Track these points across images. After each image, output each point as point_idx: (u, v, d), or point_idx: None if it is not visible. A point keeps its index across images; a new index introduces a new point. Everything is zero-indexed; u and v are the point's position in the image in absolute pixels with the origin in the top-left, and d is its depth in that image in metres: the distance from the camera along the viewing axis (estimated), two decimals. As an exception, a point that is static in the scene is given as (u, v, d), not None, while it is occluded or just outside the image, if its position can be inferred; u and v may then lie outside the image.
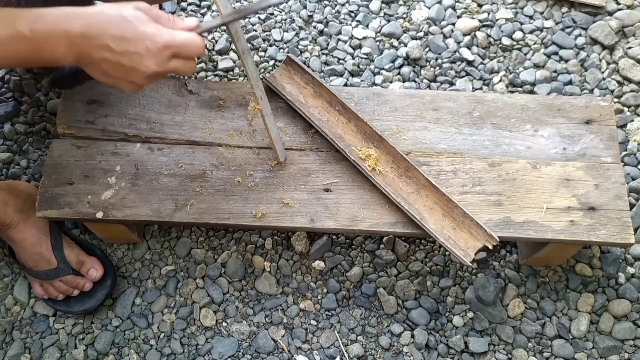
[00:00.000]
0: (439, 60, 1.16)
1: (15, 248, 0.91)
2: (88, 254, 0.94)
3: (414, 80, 1.14)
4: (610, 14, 1.20)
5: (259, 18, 1.21)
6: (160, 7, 1.20)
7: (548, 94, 1.12)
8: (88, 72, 0.65)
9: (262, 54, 1.16)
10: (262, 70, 1.14)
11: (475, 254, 0.80)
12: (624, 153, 1.07)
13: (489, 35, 1.18)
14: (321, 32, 1.19)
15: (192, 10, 1.20)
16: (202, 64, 1.14)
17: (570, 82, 1.14)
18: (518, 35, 1.18)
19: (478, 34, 1.17)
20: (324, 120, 0.88)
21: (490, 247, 0.80)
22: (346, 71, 1.14)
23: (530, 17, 1.20)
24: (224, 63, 1.14)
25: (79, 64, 0.64)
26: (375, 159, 0.85)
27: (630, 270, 0.98)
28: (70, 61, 0.63)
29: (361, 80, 1.13)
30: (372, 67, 1.15)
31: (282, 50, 1.17)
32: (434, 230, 0.81)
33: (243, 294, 0.98)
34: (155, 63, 0.63)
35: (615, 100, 1.12)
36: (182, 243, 1.00)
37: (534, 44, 1.17)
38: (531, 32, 1.19)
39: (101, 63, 0.63)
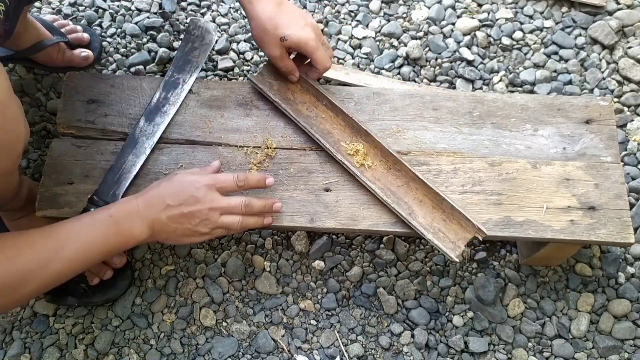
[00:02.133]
0: (439, 60, 1.16)
1: None
2: None
3: (414, 80, 1.14)
4: (610, 13, 1.20)
5: (259, 18, 1.20)
6: (160, 7, 1.20)
7: (548, 93, 1.12)
8: (166, 241, 0.77)
9: (262, 54, 1.16)
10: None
11: (465, 246, 0.80)
12: (624, 153, 1.07)
13: (489, 35, 1.18)
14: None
15: (192, 10, 1.20)
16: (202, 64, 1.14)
17: (570, 82, 1.14)
18: (518, 35, 1.18)
19: (478, 33, 1.17)
20: (312, 115, 0.88)
21: (480, 238, 0.80)
22: (346, 71, 1.14)
23: (530, 17, 1.20)
24: (224, 63, 1.14)
25: (154, 238, 0.74)
26: (364, 154, 0.85)
27: (630, 270, 0.98)
28: (146, 234, 0.73)
29: (361, 80, 1.13)
30: (372, 66, 1.15)
31: None
32: (423, 224, 0.81)
33: (243, 293, 0.98)
34: (208, 200, 0.75)
35: (615, 100, 1.12)
36: (182, 243, 1.00)
37: (534, 43, 1.17)
38: (531, 31, 1.19)
39: (170, 222, 0.74)
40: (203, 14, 1.20)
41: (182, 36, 1.17)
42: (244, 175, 0.79)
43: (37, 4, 1.18)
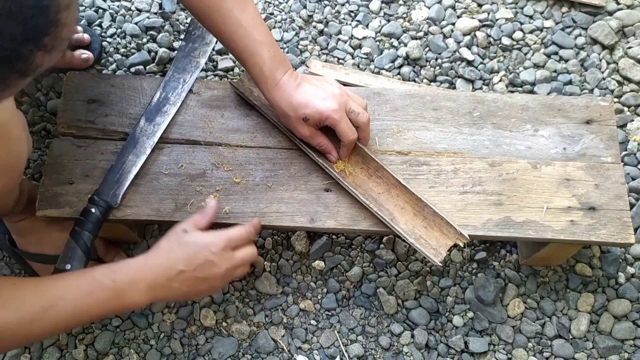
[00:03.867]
0: (439, 60, 1.16)
1: (37, 236, 0.92)
2: None
3: (414, 80, 1.14)
4: (610, 13, 1.20)
5: (259, 18, 1.20)
6: (160, 7, 1.20)
7: (548, 93, 1.12)
8: (168, 300, 0.75)
9: (262, 53, 1.16)
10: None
11: (446, 252, 0.80)
12: (624, 153, 1.07)
13: (489, 35, 1.18)
14: (321, 32, 1.19)
15: (192, 10, 1.20)
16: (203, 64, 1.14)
17: (570, 82, 1.14)
18: (518, 35, 1.18)
19: (478, 33, 1.17)
20: None
21: (462, 244, 0.80)
22: (346, 71, 1.14)
23: (530, 17, 1.20)
24: (224, 63, 1.14)
25: (155, 303, 0.74)
26: (344, 162, 0.84)
27: (630, 270, 0.98)
28: (147, 302, 0.70)
29: (361, 80, 1.13)
30: (372, 67, 1.15)
31: (282, 50, 1.17)
32: (404, 231, 0.80)
33: (243, 293, 0.98)
34: (224, 261, 0.74)
35: (615, 100, 1.12)
36: (182, 243, 1.00)
37: (534, 43, 1.17)
38: (531, 32, 1.19)
39: (181, 287, 0.72)
40: (203, 14, 1.20)
41: (182, 36, 1.17)
42: (250, 226, 0.79)
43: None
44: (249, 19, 0.77)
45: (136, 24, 1.17)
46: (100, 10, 1.20)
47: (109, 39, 1.16)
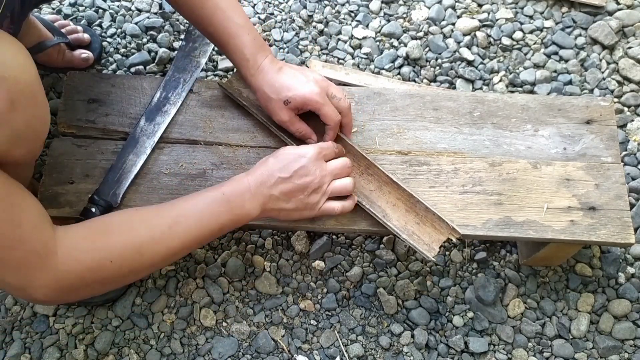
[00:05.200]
0: (439, 60, 1.16)
1: None
2: None
3: (414, 80, 1.14)
4: (610, 13, 1.20)
5: (259, 18, 1.21)
6: (160, 7, 1.20)
7: (548, 93, 1.12)
8: (277, 217, 0.78)
9: (262, 53, 1.16)
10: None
11: (439, 248, 0.80)
12: (624, 153, 1.07)
13: (489, 35, 1.18)
14: (321, 32, 1.19)
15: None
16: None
17: (570, 82, 1.14)
18: (518, 35, 1.18)
19: (478, 33, 1.17)
20: None
21: (454, 239, 0.80)
22: (346, 71, 1.15)
23: (530, 17, 1.20)
24: (224, 63, 1.14)
25: (266, 214, 0.76)
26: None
27: (630, 270, 0.98)
28: (257, 211, 0.74)
29: (361, 80, 1.13)
30: (372, 67, 1.15)
31: (282, 50, 1.17)
32: (397, 227, 0.80)
33: (243, 293, 0.98)
34: (317, 167, 0.76)
35: (616, 100, 1.12)
36: (182, 243, 1.00)
37: (534, 43, 1.17)
38: (531, 32, 1.19)
39: (282, 197, 0.75)
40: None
41: (182, 36, 1.17)
42: (334, 143, 0.82)
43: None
44: (227, 2, 0.79)
45: (136, 24, 1.17)
46: (100, 10, 1.20)
47: (109, 39, 1.16)
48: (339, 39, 1.18)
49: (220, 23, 0.79)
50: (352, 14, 1.21)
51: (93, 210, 0.80)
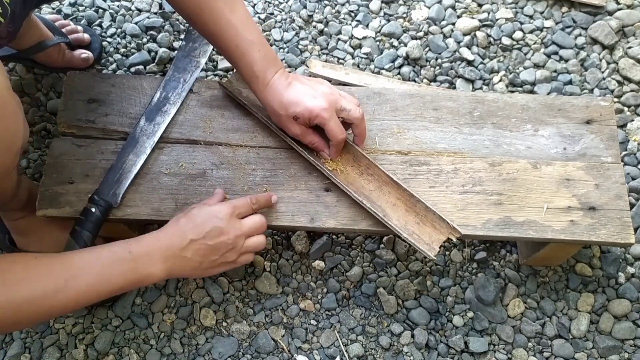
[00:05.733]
0: (439, 60, 1.16)
1: (37, 236, 0.92)
2: None
3: (414, 80, 1.14)
4: (610, 13, 1.20)
5: (259, 18, 1.21)
6: (160, 7, 1.20)
7: (548, 93, 1.12)
8: (189, 277, 0.77)
9: (262, 53, 1.16)
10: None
11: (440, 247, 0.80)
12: (624, 153, 1.07)
13: (489, 35, 1.18)
14: (321, 32, 1.19)
15: (192, 10, 1.19)
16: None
17: (570, 82, 1.14)
18: (518, 35, 1.18)
19: (478, 33, 1.17)
20: None
21: (454, 239, 0.80)
22: (346, 71, 1.15)
23: (530, 17, 1.20)
24: (224, 63, 1.14)
25: (172, 276, 0.74)
26: (336, 161, 0.84)
27: (630, 270, 0.98)
28: (164, 273, 0.72)
29: (361, 80, 1.13)
30: (372, 66, 1.15)
31: (282, 50, 1.17)
32: (397, 227, 0.80)
33: (243, 293, 0.98)
34: (232, 228, 0.75)
35: (615, 100, 1.12)
36: (182, 243, 1.00)
37: (534, 43, 1.17)
38: (531, 31, 1.19)
39: (194, 257, 0.73)
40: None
41: (182, 36, 1.17)
42: (255, 197, 0.80)
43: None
44: (239, 19, 0.78)
45: (136, 24, 1.17)
46: (100, 10, 1.20)
47: (109, 39, 1.16)
48: (339, 39, 1.18)
49: (232, 40, 0.78)
50: (352, 14, 1.21)
51: (93, 210, 0.80)
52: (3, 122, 0.63)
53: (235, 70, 0.83)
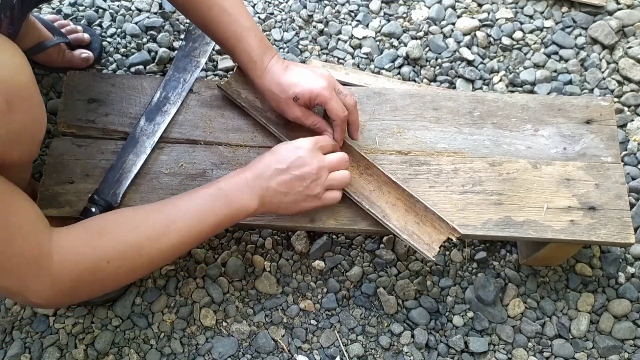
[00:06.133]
0: (439, 60, 1.16)
1: None
2: None
3: (414, 80, 1.14)
4: (610, 13, 1.20)
5: (259, 18, 1.21)
6: (160, 7, 1.20)
7: (548, 93, 1.12)
8: (277, 211, 0.76)
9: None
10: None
11: (439, 247, 0.80)
12: (624, 153, 1.07)
13: (489, 35, 1.18)
14: (321, 32, 1.19)
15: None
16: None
17: (570, 82, 1.14)
18: (518, 34, 1.18)
19: (478, 33, 1.17)
20: (282, 123, 0.87)
21: (454, 239, 0.80)
22: (346, 71, 1.15)
23: (530, 17, 1.20)
24: (224, 63, 1.14)
25: (264, 208, 0.75)
26: None
27: (630, 270, 0.98)
28: (256, 204, 0.73)
29: (361, 80, 1.13)
30: (372, 66, 1.15)
31: (282, 50, 1.17)
32: (397, 227, 0.80)
33: (243, 293, 0.98)
34: (314, 159, 0.75)
35: (616, 100, 1.12)
36: (182, 242, 1.00)
37: (534, 43, 1.17)
38: (531, 31, 1.19)
39: (280, 188, 0.74)
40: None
41: (182, 36, 1.17)
42: (332, 138, 0.82)
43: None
44: (232, 4, 0.79)
45: (136, 23, 1.17)
46: (100, 10, 1.20)
47: (109, 39, 1.16)
48: (339, 39, 1.18)
49: (227, 26, 0.79)
50: (352, 14, 1.21)
51: (93, 209, 0.80)
52: (30, 113, 0.63)
53: (232, 58, 0.84)
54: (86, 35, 1.11)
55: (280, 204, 0.75)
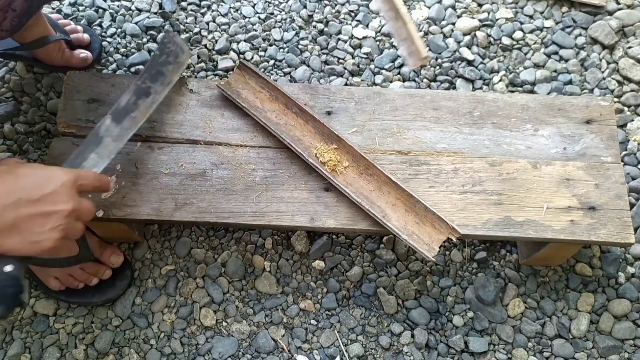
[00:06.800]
0: (439, 60, 1.16)
1: None
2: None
3: (414, 80, 1.14)
4: (610, 13, 1.20)
5: (259, 18, 1.21)
6: (160, 7, 1.20)
7: (548, 93, 1.12)
8: (11, 246, 0.61)
9: (262, 53, 1.16)
10: (262, 69, 1.14)
11: (439, 247, 0.80)
12: (624, 152, 1.07)
13: (489, 35, 1.18)
14: (321, 32, 1.19)
15: (192, 10, 1.20)
16: (203, 64, 1.14)
17: (570, 82, 1.14)
18: (518, 34, 1.18)
19: (478, 33, 1.17)
20: (282, 123, 0.87)
21: (454, 239, 0.80)
22: (346, 71, 1.15)
23: (530, 17, 1.20)
24: (223, 63, 1.14)
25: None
26: (335, 162, 0.84)
27: (630, 269, 0.98)
28: None
29: (361, 80, 1.13)
30: (372, 66, 1.15)
31: (282, 50, 1.17)
32: (397, 227, 0.81)
33: (243, 293, 0.98)
34: (72, 200, 0.63)
35: (616, 99, 1.12)
36: (182, 243, 1.00)
37: (534, 43, 1.17)
38: (531, 31, 1.19)
39: (20, 223, 0.60)
40: (203, 14, 1.20)
41: (182, 36, 1.17)
42: (104, 176, 0.72)
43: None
44: None
45: (136, 23, 1.17)
46: (100, 10, 1.20)
47: (109, 39, 1.16)
48: (339, 39, 1.18)
49: None
50: (352, 14, 1.21)
51: None
52: None
53: (234, 70, 0.81)
54: (86, 36, 1.11)
55: (27, 244, 0.61)
